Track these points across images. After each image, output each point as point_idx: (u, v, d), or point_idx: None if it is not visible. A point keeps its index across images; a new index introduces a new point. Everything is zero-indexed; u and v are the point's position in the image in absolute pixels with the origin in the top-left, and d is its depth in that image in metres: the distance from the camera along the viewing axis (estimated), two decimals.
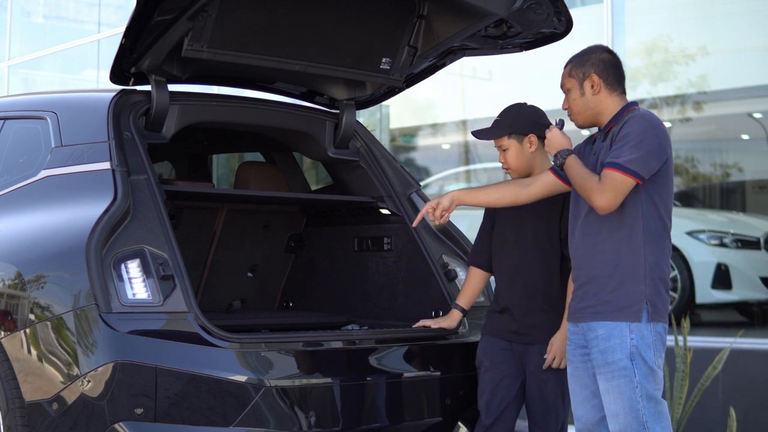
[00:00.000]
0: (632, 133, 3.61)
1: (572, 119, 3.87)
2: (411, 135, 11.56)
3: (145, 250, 3.82)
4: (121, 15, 12.77)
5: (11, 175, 4.45)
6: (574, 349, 3.82)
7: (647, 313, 3.63)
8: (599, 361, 3.66)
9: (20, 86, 14.19)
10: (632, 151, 3.58)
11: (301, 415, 3.86)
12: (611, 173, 3.58)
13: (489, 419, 4.12)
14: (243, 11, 4.18)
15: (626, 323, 3.62)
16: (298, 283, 5.44)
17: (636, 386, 3.60)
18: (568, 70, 3.83)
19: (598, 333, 3.66)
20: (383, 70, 4.65)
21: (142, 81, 4.39)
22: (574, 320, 3.80)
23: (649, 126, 3.64)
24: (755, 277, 8.39)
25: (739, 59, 8.27)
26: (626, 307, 3.63)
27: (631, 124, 3.65)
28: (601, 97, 3.78)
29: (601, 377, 3.67)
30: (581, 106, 3.81)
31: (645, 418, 3.61)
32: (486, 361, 4.18)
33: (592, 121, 3.83)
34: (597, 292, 3.68)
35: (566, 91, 3.85)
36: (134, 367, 3.64)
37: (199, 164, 6.13)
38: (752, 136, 8.90)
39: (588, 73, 3.78)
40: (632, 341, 3.61)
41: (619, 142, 3.63)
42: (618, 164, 3.58)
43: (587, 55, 3.82)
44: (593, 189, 3.60)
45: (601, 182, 3.60)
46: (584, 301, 3.73)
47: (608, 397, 3.65)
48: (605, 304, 3.66)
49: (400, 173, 4.95)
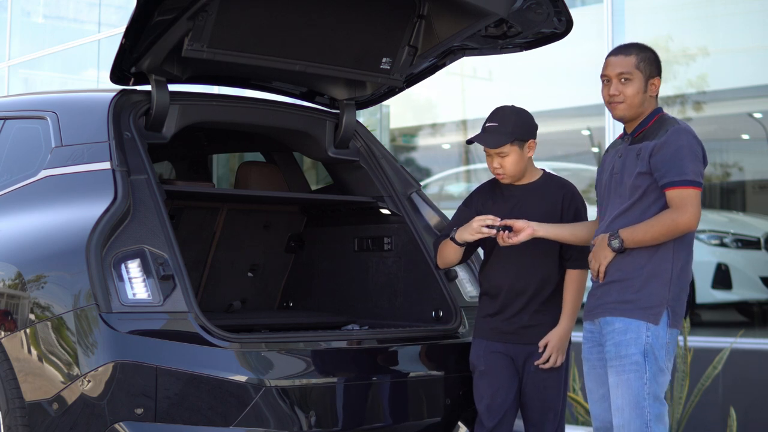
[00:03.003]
0: (684, 146, 3.63)
1: (617, 108, 3.79)
2: (411, 135, 11.55)
3: (145, 250, 3.82)
4: (121, 15, 12.76)
5: (11, 175, 4.45)
6: (591, 348, 3.84)
7: (667, 318, 3.67)
8: (612, 353, 3.68)
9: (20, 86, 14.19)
10: (691, 164, 3.61)
11: (302, 415, 3.86)
12: (682, 191, 3.60)
13: (491, 422, 4.10)
14: (243, 11, 4.18)
15: (645, 323, 3.65)
16: (299, 283, 5.43)
17: (645, 383, 3.63)
18: (636, 62, 3.77)
19: (615, 326, 3.68)
20: (383, 70, 4.65)
21: (142, 81, 4.39)
22: (591, 317, 3.81)
23: (693, 137, 3.68)
24: (755, 277, 8.39)
25: (739, 59, 8.27)
26: (648, 308, 3.65)
27: (677, 137, 3.65)
28: (652, 101, 3.79)
29: (612, 370, 3.69)
30: (639, 101, 3.77)
31: (648, 417, 3.62)
32: (481, 365, 4.15)
33: (632, 117, 3.81)
34: (621, 291, 3.70)
35: (625, 79, 3.77)
36: (134, 367, 3.64)
37: (199, 164, 6.13)
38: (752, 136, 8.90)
39: (654, 73, 3.78)
40: (647, 338, 3.64)
41: (670, 155, 3.62)
42: (687, 181, 3.60)
43: (651, 53, 3.80)
44: (673, 220, 3.61)
45: (676, 204, 3.60)
46: (605, 298, 3.74)
47: (617, 391, 3.68)
48: (627, 303, 3.68)
49: (401, 173, 4.95)
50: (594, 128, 9.26)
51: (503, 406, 4.10)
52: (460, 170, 10.94)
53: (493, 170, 4.16)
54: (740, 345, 6.86)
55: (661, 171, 3.64)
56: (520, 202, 4.14)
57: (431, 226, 4.78)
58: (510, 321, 4.13)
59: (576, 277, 4.12)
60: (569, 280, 4.13)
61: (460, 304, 4.54)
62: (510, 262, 4.14)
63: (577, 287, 4.12)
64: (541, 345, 4.08)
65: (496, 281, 4.16)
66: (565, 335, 4.10)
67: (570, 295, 4.12)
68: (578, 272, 4.13)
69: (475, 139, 4.13)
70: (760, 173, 9.01)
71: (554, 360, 4.06)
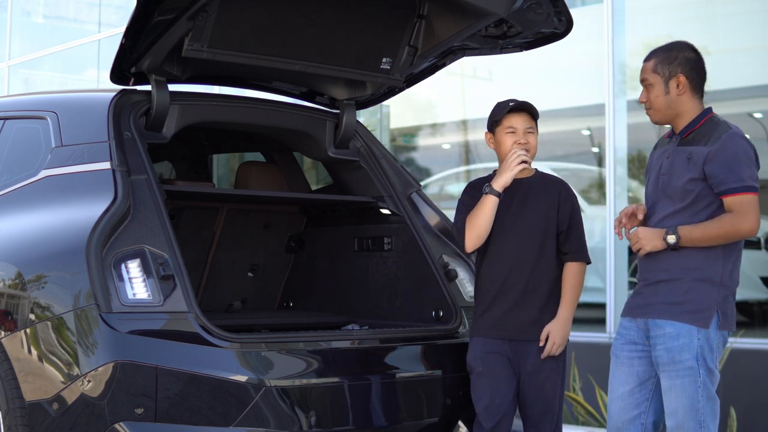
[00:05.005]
0: (740, 152, 3.65)
1: (648, 114, 3.83)
2: (411, 135, 11.55)
3: (145, 250, 3.82)
4: (121, 15, 12.77)
5: (11, 175, 4.45)
6: (623, 344, 3.83)
7: (717, 321, 3.67)
8: (664, 358, 3.68)
9: (20, 86, 14.19)
10: (748, 169, 3.64)
11: (302, 415, 3.86)
12: (743, 197, 3.61)
13: (490, 423, 4.10)
14: (243, 11, 4.18)
15: (696, 328, 3.65)
16: (299, 283, 5.43)
17: (699, 386, 3.64)
18: (653, 65, 3.78)
19: (666, 331, 3.68)
20: (383, 70, 4.65)
21: (142, 81, 4.39)
22: (633, 315, 3.80)
23: (746, 142, 3.70)
24: (755, 277, 8.39)
25: (739, 59, 8.26)
26: (697, 311, 3.66)
27: (733, 143, 3.66)
28: (684, 99, 3.77)
29: (665, 375, 3.69)
30: (662, 104, 3.78)
31: (703, 417, 3.65)
32: (478, 366, 4.14)
33: (669, 121, 3.81)
34: (669, 292, 3.69)
35: (648, 85, 3.79)
36: (134, 367, 3.64)
37: (199, 164, 6.13)
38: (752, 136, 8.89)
39: (675, 72, 3.75)
40: (699, 342, 3.64)
41: (727, 162, 3.63)
42: (746, 186, 3.61)
43: (674, 52, 3.78)
44: (734, 224, 3.61)
45: (737, 210, 3.61)
46: (652, 298, 3.74)
47: (670, 394, 3.68)
48: (677, 305, 3.67)
49: (401, 173, 4.95)
50: (594, 128, 9.26)
51: (502, 406, 4.10)
52: (460, 170, 10.93)
53: (519, 145, 4.12)
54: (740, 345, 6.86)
55: (719, 178, 3.63)
56: (522, 195, 4.15)
57: (431, 226, 4.78)
58: (507, 317, 4.12)
59: (575, 270, 4.13)
60: (568, 272, 4.14)
61: (460, 304, 4.54)
62: (507, 258, 4.14)
63: (576, 280, 4.12)
64: (543, 337, 4.08)
65: (491, 277, 4.15)
66: (565, 325, 4.10)
67: (569, 287, 4.12)
68: (577, 265, 4.14)
69: (520, 103, 4.13)
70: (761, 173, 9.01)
71: (556, 349, 4.07)
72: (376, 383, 4.13)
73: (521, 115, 4.14)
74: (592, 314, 8.10)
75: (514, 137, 4.13)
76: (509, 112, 4.14)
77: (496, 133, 4.18)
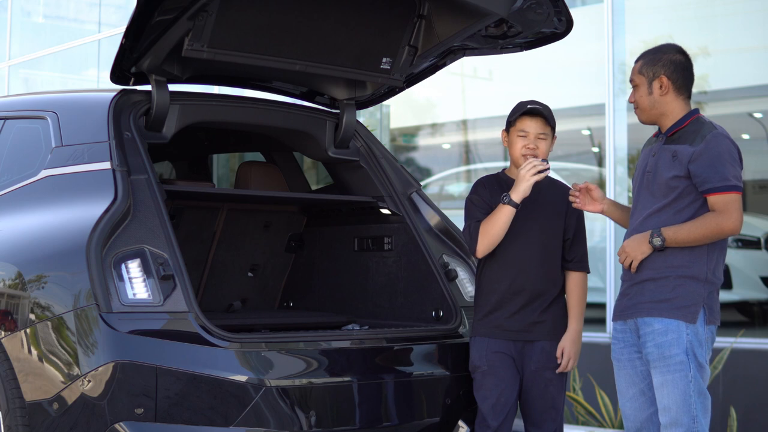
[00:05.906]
0: (724, 152, 3.68)
1: (636, 113, 3.92)
2: (411, 135, 11.55)
3: (145, 249, 3.82)
4: (121, 15, 12.77)
5: (11, 174, 4.45)
6: (622, 348, 3.88)
7: (704, 315, 3.71)
8: (655, 355, 3.72)
9: (20, 86, 14.19)
10: (731, 168, 3.67)
11: (302, 415, 3.87)
12: (726, 196, 3.65)
13: (496, 422, 4.11)
14: (243, 11, 4.18)
15: (684, 323, 3.69)
16: (299, 282, 5.44)
17: (690, 381, 3.69)
18: (639, 67, 3.86)
19: (655, 327, 3.72)
20: (383, 70, 4.65)
21: (142, 81, 4.39)
22: (623, 318, 3.85)
23: (730, 142, 3.73)
24: (755, 277, 8.39)
25: (739, 59, 8.27)
26: (684, 307, 3.70)
27: (717, 143, 3.70)
28: (668, 99, 3.82)
29: (656, 371, 3.73)
30: (647, 104, 3.85)
31: (695, 412, 3.68)
32: (483, 365, 4.15)
33: (654, 120, 3.88)
34: (656, 290, 3.74)
35: (634, 86, 3.88)
36: (134, 367, 3.64)
37: (199, 164, 6.13)
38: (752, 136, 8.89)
39: (658, 73, 3.81)
40: (688, 337, 3.68)
41: (711, 162, 3.66)
42: (729, 185, 3.65)
43: (660, 54, 3.84)
44: (718, 223, 3.65)
45: (720, 208, 3.65)
46: (639, 297, 3.78)
47: (662, 390, 3.72)
48: (664, 302, 3.72)
49: (401, 173, 4.95)
50: (594, 128, 9.26)
51: (507, 405, 4.11)
52: (460, 170, 10.93)
53: (527, 150, 4.09)
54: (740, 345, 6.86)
55: (703, 177, 3.68)
56: (532, 200, 4.12)
57: (431, 226, 4.79)
58: (513, 318, 4.13)
59: (580, 280, 4.17)
60: (573, 283, 4.16)
61: (460, 304, 4.55)
62: (515, 261, 4.14)
63: (583, 292, 4.18)
64: (558, 354, 4.10)
65: (497, 278, 4.15)
66: (578, 340, 4.14)
67: (575, 298, 4.15)
68: (581, 275, 4.18)
69: (536, 107, 4.10)
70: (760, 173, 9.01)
71: (571, 364, 4.11)
72: (376, 383, 4.13)
73: (535, 119, 4.11)
74: (592, 314, 8.09)
75: (524, 141, 4.11)
76: (523, 114, 4.12)
77: (510, 133, 4.17)
